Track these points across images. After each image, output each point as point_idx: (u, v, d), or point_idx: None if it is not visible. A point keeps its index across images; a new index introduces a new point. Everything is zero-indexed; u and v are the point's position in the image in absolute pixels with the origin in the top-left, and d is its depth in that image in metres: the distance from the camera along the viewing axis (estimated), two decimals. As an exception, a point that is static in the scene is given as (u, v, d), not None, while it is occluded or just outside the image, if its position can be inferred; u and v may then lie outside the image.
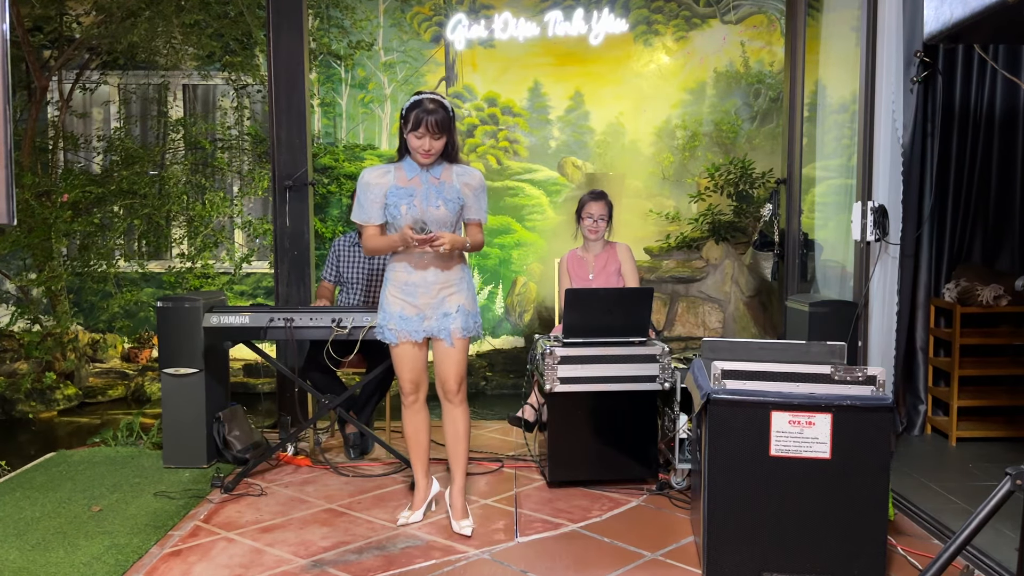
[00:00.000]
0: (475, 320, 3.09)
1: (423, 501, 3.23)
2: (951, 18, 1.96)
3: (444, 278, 3.03)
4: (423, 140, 2.91)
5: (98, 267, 6.54)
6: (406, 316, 3.03)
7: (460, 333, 3.03)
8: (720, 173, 7.00)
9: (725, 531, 2.58)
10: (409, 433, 3.19)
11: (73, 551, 2.93)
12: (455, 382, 3.09)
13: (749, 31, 7.26)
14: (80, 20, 6.78)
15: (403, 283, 3.04)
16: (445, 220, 2.99)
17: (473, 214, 3.08)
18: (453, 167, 3.03)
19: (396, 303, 3.05)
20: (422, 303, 3.03)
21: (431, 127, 2.88)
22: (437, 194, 2.97)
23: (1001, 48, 4.20)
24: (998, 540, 2.74)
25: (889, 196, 3.88)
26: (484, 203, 3.11)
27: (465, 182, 3.02)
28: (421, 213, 2.96)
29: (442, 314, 3.03)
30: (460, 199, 3.01)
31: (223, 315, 3.70)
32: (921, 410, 4.34)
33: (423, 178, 2.99)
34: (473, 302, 3.11)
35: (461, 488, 3.18)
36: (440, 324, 3.03)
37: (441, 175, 3.01)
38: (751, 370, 2.61)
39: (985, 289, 4.11)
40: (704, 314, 7.03)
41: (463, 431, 3.14)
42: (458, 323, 3.03)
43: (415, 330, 3.03)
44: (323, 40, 7.19)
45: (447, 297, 3.03)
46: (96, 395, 6.76)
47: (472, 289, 3.13)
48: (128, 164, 6.72)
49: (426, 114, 2.87)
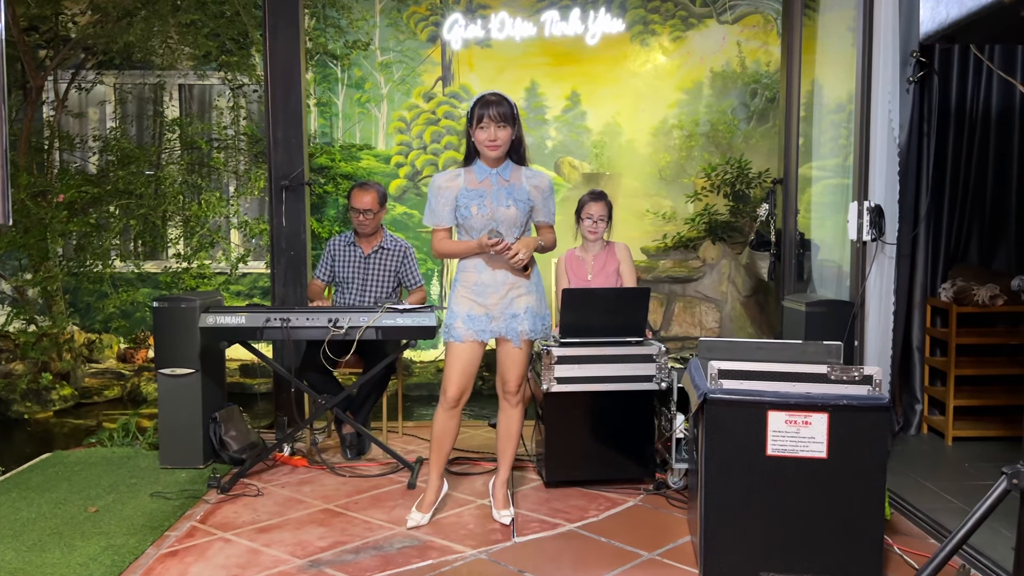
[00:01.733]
0: (543, 322, 3.13)
1: (432, 504, 3.20)
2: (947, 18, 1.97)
3: (514, 279, 3.06)
4: (488, 130, 2.95)
5: (94, 267, 6.52)
6: (474, 315, 3.05)
7: (528, 335, 3.07)
8: (717, 173, 7.01)
9: (722, 531, 2.58)
10: (437, 434, 3.16)
11: (69, 552, 2.92)
12: (515, 383, 3.15)
13: (746, 31, 7.26)
14: (76, 20, 6.76)
15: (473, 283, 3.06)
16: (515, 220, 3.03)
17: (542, 216, 3.13)
18: (522, 169, 3.09)
19: (465, 302, 3.07)
20: (491, 303, 3.05)
21: (494, 116, 2.94)
22: (508, 195, 3.01)
23: (997, 48, 4.21)
24: (995, 539, 2.74)
25: (885, 196, 3.89)
26: (552, 206, 3.16)
27: (534, 184, 3.08)
28: (492, 213, 3.00)
29: (511, 315, 3.06)
30: (530, 200, 3.06)
31: (219, 315, 3.69)
32: (917, 410, 4.34)
33: (493, 179, 3.03)
34: (542, 303, 3.14)
35: (504, 481, 3.26)
36: (508, 325, 3.06)
37: (511, 177, 3.05)
38: (748, 370, 2.62)
39: (981, 289, 4.11)
40: (701, 314, 7.03)
41: (515, 431, 3.23)
42: (526, 325, 3.06)
43: (482, 330, 3.05)
44: (319, 40, 7.19)
45: (516, 298, 3.06)
46: (92, 395, 6.74)
47: (541, 291, 3.16)
48: (124, 164, 6.70)
49: (488, 106, 2.94)
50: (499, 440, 3.26)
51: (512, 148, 3.05)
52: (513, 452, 3.26)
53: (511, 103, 2.98)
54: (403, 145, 7.36)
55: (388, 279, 4.27)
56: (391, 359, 3.90)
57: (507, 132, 2.97)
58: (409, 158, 7.34)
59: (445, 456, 3.20)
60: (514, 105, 3.00)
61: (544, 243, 3.13)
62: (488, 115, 2.94)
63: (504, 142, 2.98)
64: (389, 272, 4.27)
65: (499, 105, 2.95)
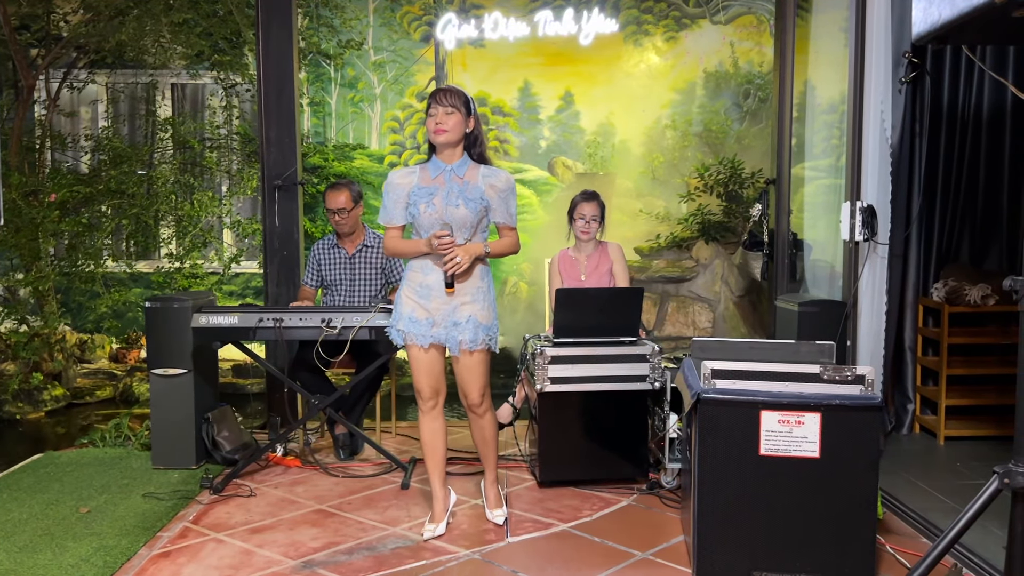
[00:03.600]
0: (487, 333, 2.95)
1: (443, 513, 3.11)
2: (939, 19, 1.97)
3: (461, 286, 2.91)
4: (435, 116, 2.87)
5: (86, 267, 6.50)
6: (415, 319, 2.95)
7: (468, 345, 2.92)
8: (710, 173, 7.02)
9: (715, 530, 2.58)
10: (425, 440, 3.09)
11: (61, 553, 2.91)
12: (474, 394, 3.02)
13: (739, 32, 7.28)
14: (68, 18, 6.74)
15: (418, 284, 2.95)
16: (465, 221, 2.90)
17: (499, 217, 2.98)
18: (480, 167, 2.96)
19: (408, 304, 2.97)
20: (433, 307, 2.93)
21: (441, 101, 2.86)
22: (459, 193, 2.89)
23: (988, 48, 4.22)
24: (986, 539, 2.75)
25: (878, 196, 3.90)
26: (512, 206, 3.00)
27: (491, 183, 2.94)
28: (440, 212, 2.89)
29: (452, 323, 2.93)
30: (483, 200, 2.92)
31: (212, 315, 3.68)
32: (910, 409, 4.36)
33: (446, 177, 2.92)
34: (489, 313, 2.97)
35: (493, 481, 3.21)
36: (448, 333, 2.94)
37: (465, 175, 2.93)
38: (741, 370, 2.62)
39: (973, 289, 4.13)
40: (694, 314, 7.04)
41: (489, 436, 3.14)
42: (466, 335, 2.91)
43: (422, 334, 2.94)
44: (313, 39, 7.17)
45: (460, 306, 2.92)
46: (84, 396, 6.72)
47: (489, 299, 3.00)
48: (116, 164, 6.68)
49: (436, 94, 2.88)
50: (476, 447, 3.21)
51: (469, 143, 2.95)
52: (494, 455, 3.18)
53: (463, 94, 2.91)
54: (396, 145, 7.35)
55: (375, 276, 4.27)
56: (384, 359, 3.90)
57: (455, 118, 2.87)
58: (403, 158, 7.33)
59: (440, 461, 3.11)
60: (469, 98, 2.92)
61: (499, 248, 3.00)
62: (436, 101, 2.87)
63: (452, 128, 2.87)
64: (375, 269, 4.26)
65: (448, 92, 2.87)
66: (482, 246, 2.93)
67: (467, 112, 2.92)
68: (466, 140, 2.95)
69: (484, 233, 3.01)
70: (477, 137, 2.97)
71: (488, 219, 2.99)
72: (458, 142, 2.93)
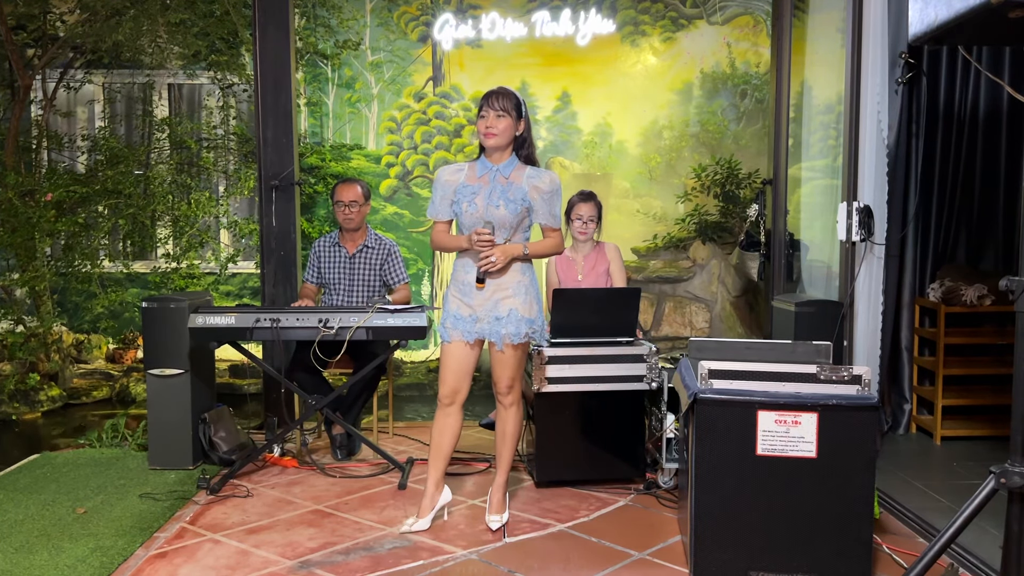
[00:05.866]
0: (530, 325, 3.01)
1: (430, 508, 3.14)
2: (935, 20, 1.97)
3: (499, 281, 2.98)
4: (486, 118, 2.92)
5: (82, 267, 6.48)
6: (460, 316, 3.01)
7: (511, 339, 2.98)
8: (707, 173, 7.02)
9: (712, 530, 2.59)
10: (434, 434, 3.12)
11: (57, 553, 2.90)
12: (505, 383, 3.08)
13: (735, 32, 7.28)
14: (64, 18, 6.72)
15: (461, 282, 3.03)
16: (505, 221, 2.95)
17: (541, 218, 3.02)
18: (526, 168, 3.00)
19: (454, 301, 3.04)
20: (476, 304, 3.00)
21: (493, 105, 2.90)
22: (501, 194, 2.94)
23: (984, 49, 4.23)
24: (983, 538, 2.76)
25: (874, 196, 3.91)
26: (556, 208, 3.04)
27: (535, 184, 2.97)
28: (482, 211, 2.93)
29: (494, 317, 2.98)
30: (525, 201, 2.96)
31: (209, 316, 3.68)
32: (906, 409, 4.37)
33: (491, 176, 2.97)
34: (531, 307, 3.02)
35: (500, 485, 3.20)
36: (492, 327, 2.99)
37: (511, 175, 2.97)
38: (738, 370, 2.62)
39: (969, 289, 4.14)
40: (691, 314, 7.05)
41: (510, 432, 3.15)
42: (509, 328, 2.97)
43: (467, 330, 3.00)
44: (309, 39, 7.16)
45: (501, 300, 2.98)
46: (80, 396, 6.70)
47: (532, 294, 3.04)
48: (113, 164, 6.65)
49: (490, 96, 2.92)
50: (496, 441, 3.24)
51: (517, 145, 3.00)
52: (509, 455, 3.19)
53: (516, 96, 2.95)
54: (393, 145, 7.34)
55: (373, 278, 4.26)
56: (381, 359, 3.90)
57: (506, 122, 2.91)
58: (400, 158, 7.32)
59: (443, 457, 3.12)
60: (521, 100, 2.97)
61: (540, 249, 3.05)
62: (488, 104, 2.92)
63: (501, 132, 2.92)
64: (374, 271, 4.26)
65: (501, 95, 2.92)
66: (521, 246, 2.98)
67: (518, 115, 2.96)
68: (515, 142, 2.99)
69: (526, 233, 3.06)
70: (526, 139, 3.02)
71: (531, 220, 3.04)
72: (507, 145, 2.98)
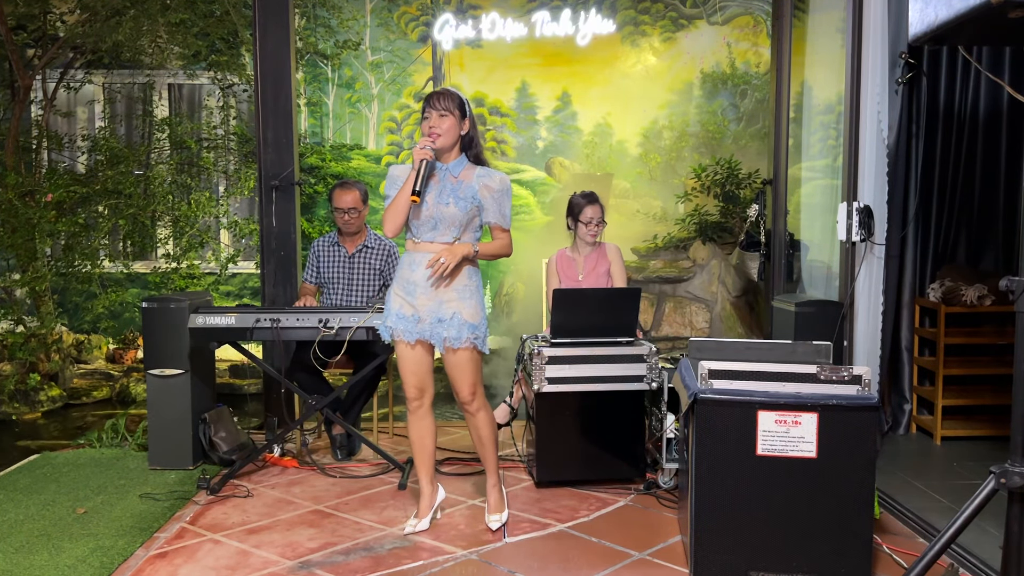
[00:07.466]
0: (472, 331, 2.92)
1: (429, 508, 3.15)
2: (935, 20, 1.97)
3: (446, 284, 2.92)
4: (429, 119, 2.90)
5: (83, 267, 6.49)
6: (403, 315, 2.96)
7: (451, 343, 2.91)
8: (707, 174, 7.02)
9: (712, 530, 2.59)
10: (413, 439, 3.13)
11: (57, 554, 2.90)
12: (464, 391, 3.00)
13: (735, 32, 7.28)
14: (64, 18, 6.72)
15: (405, 280, 2.97)
16: (454, 219, 2.91)
17: (491, 217, 2.96)
18: (476, 168, 2.97)
19: (396, 300, 2.99)
20: (419, 304, 2.94)
21: (435, 104, 2.88)
22: (451, 192, 2.91)
23: (984, 49, 4.23)
24: (983, 538, 2.76)
25: (874, 197, 3.91)
26: (506, 208, 2.99)
27: (485, 183, 2.94)
28: (432, 210, 2.90)
29: (436, 319, 2.92)
30: (475, 199, 2.92)
31: (209, 316, 3.68)
32: (906, 409, 4.36)
33: (441, 175, 2.94)
34: (475, 312, 2.95)
35: (493, 484, 3.18)
36: (432, 329, 2.93)
37: (460, 174, 2.95)
38: (738, 370, 2.62)
39: (969, 289, 4.14)
40: (691, 314, 7.04)
41: (486, 435, 3.10)
42: (451, 332, 2.90)
43: (408, 330, 2.95)
44: (310, 39, 7.17)
45: (445, 302, 2.92)
46: (81, 396, 6.70)
47: (477, 298, 2.97)
48: (113, 164, 6.66)
49: (432, 96, 2.90)
50: (476, 447, 3.19)
51: (465, 144, 2.97)
52: (492, 456, 3.15)
53: (458, 96, 2.92)
54: (394, 145, 7.35)
55: (373, 278, 4.26)
56: (381, 359, 3.89)
57: (449, 121, 2.88)
58: (400, 158, 7.32)
59: (428, 459, 3.14)
60: (464, 100, 2.93)
61: (489, 250, 2.98)
62: (430, 105, 2.90)
63: (445, 131, 2.88)
64: (373, 271, 4.26)
65: (443, 95, 2.90)
66: (471, 247, 2.93)
67: (462, 115, 2.93)
68: (461, 142, 2.97)
69: (476, 234, 3.01)
70: (473, 139, 2.98)
71: (480, 219, 2.99)
72: (453, 145, 2.95)
